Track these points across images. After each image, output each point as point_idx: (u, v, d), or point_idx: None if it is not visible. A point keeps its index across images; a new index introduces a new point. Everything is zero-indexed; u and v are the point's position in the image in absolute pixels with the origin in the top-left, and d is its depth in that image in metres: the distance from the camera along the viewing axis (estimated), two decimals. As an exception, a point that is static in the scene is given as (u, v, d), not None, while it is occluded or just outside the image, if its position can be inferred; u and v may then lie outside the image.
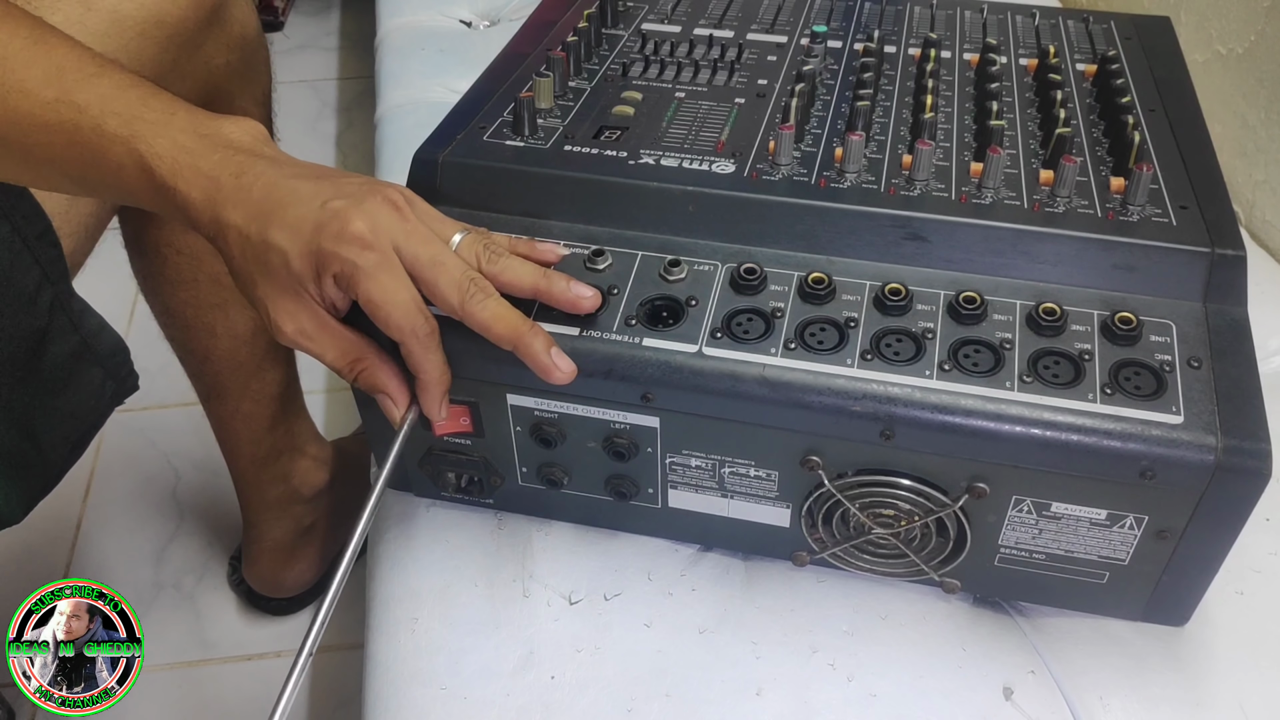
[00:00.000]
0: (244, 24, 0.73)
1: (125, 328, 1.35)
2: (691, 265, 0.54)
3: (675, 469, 0.55)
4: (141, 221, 0.79)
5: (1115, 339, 0.50)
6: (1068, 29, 0.75)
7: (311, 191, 0.46)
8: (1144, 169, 0.54)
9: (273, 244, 0.45)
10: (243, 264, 0.47)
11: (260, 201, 0.46)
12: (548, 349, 0.48)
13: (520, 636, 0.56)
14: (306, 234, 0.45)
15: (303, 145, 0.91)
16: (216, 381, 0.88)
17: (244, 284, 0.48)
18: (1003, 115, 0.62)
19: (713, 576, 0.58)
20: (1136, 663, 0.54)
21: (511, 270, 0.50)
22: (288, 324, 0.47)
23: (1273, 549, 0.59)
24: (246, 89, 0.76)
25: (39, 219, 0.58)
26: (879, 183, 0.56)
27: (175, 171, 0.46)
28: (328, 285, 0.46)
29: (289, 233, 0.45)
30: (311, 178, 0.47)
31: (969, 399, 0.48)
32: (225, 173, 0.46)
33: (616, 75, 0.68)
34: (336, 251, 0.45)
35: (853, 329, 0.51)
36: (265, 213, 0.46)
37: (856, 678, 0.53)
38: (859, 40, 0.73)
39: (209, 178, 0.46)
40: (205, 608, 1.07)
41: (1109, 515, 0.49)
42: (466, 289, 0.47)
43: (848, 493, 0.52)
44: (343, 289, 0.46)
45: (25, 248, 0.57)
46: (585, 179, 0.57)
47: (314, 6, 2.10)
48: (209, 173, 0.46)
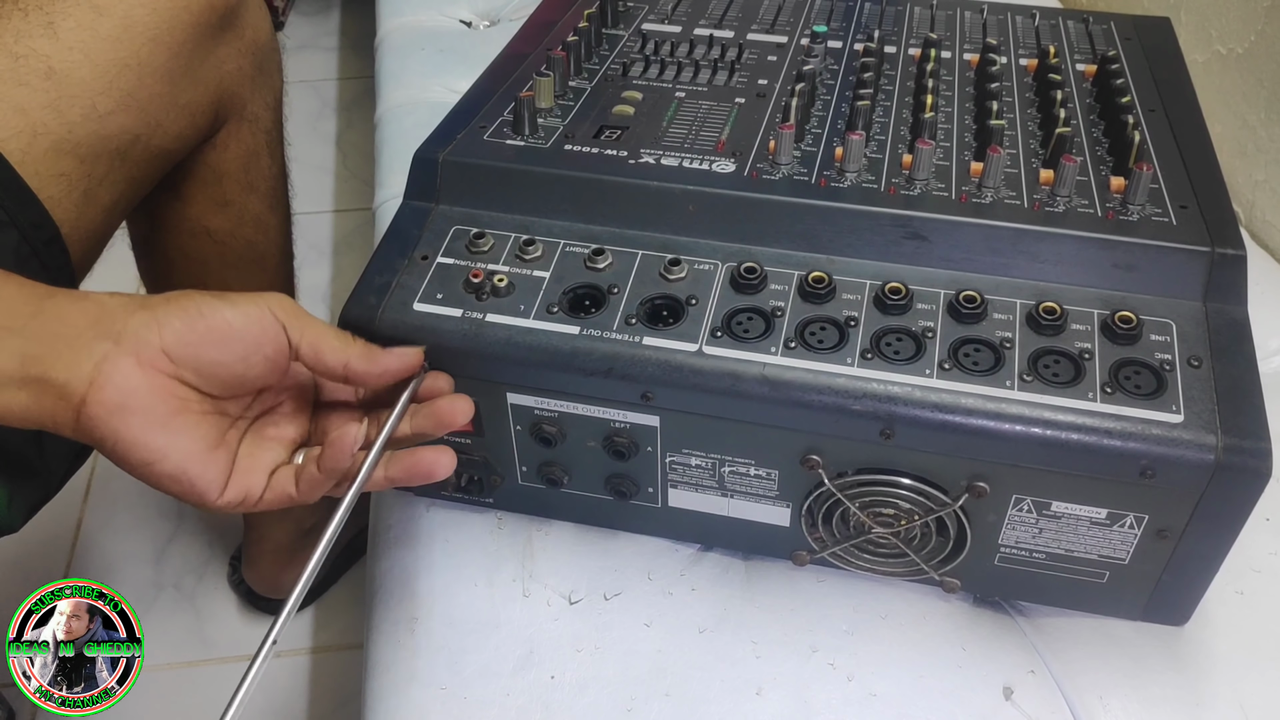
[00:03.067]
0: (257, 29, 0.73)
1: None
2: (692, 264, 0.54)
3: (675, 468, 0.55)
4: (150, 226, 0.79)
5: (1115, 338, 0.50)
6: (1068, 29, 0.75)
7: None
8: (1144, 169, 0.54)
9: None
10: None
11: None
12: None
13: (520, 636, 0.56)
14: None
15: (303, 145, 0.91)
16: None
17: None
18: (1003, 115, 0.62)
19: (713, 576, 0.58)
20: (1136, 663, 0.54)
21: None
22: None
23: (1273, 549, 0.59)
24: (258, 93, 0.76)
25: (47, 226, 0.58)
26: (879, 182, 0.56)
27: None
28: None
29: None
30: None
31: (969, 398, 0.48)
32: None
33: (617, 75, 0.68)
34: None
35: (853, 328, 0.51)
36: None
37: (856, 677, 0.53)
38: (859, 40, 0.73)
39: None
40: (205, 608, 1.07)
41: (1109, 515, 0.49)
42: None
43: (848, 492, 0.52)
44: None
45: (33, 254, 0.57)
46: (585, 178, 0.57)
47: (314, 6, 2.10)
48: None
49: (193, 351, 0.42)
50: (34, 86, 0.58)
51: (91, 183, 0.61)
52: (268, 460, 0.47)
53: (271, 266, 0.86)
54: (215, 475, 0.45)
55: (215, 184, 0.77)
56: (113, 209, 0.64)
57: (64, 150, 0.59)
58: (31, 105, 0.57)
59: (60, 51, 0.59)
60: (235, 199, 0.78)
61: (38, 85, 0.58)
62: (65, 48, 0.59)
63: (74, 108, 0.59)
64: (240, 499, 0.46)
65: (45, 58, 0.58)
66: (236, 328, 0.43)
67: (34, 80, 0.58)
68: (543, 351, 0.51)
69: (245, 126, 0.76)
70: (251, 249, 0.83)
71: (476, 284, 0.53)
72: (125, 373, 0.41)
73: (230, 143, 0.75)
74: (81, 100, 0.59)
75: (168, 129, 0.66)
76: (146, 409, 0.42)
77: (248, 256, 0.83)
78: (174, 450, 0.43)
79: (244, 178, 0.78)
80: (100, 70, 0.60)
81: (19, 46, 0.58)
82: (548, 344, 0.51)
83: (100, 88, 0.60)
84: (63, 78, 0.59)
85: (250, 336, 0.43)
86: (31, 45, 0.58)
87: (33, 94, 0.58)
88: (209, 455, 0.44)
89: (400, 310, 0.53)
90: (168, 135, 0.66)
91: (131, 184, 0.65)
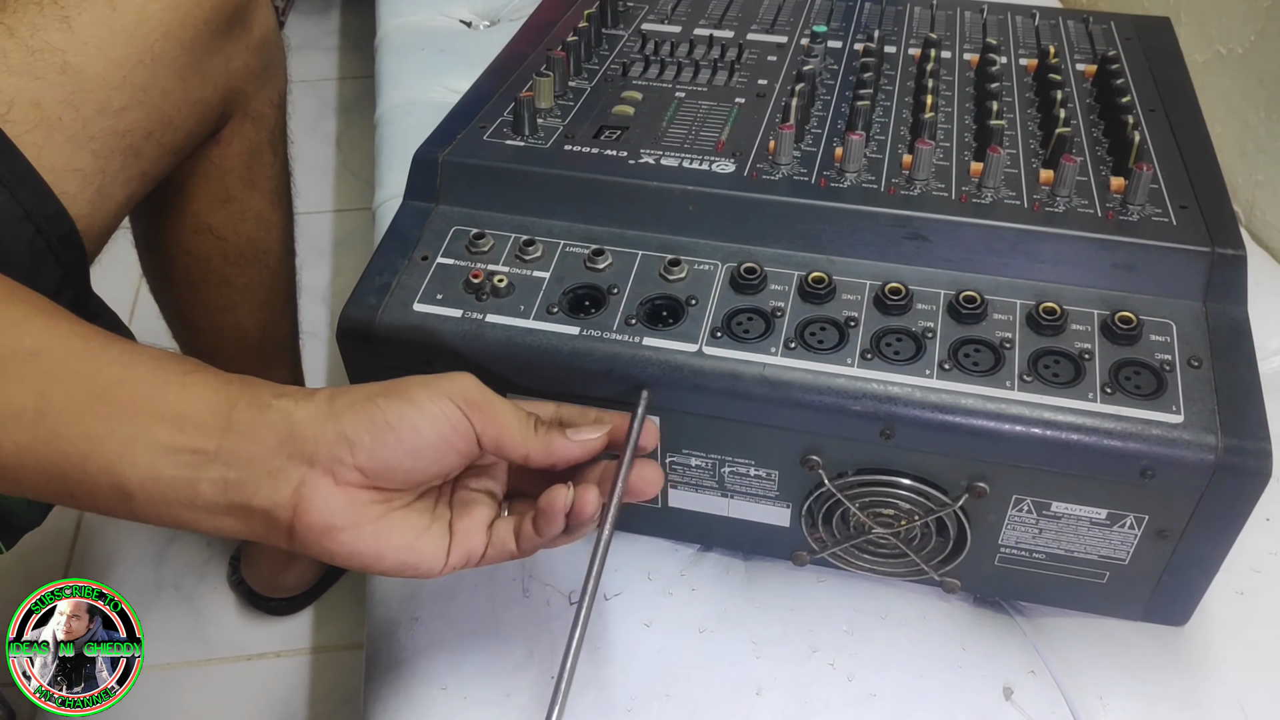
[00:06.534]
0: (264, 25, 0.73)
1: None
2: (691, 265, 0.54)
3: (675, 468, 0.55)
4: (153, 222, 0.80)
5: (1115, 338, 0.50)
6: (1068, 29, 0.75)
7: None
8: (1144, 169, 0.54)
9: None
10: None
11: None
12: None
13: (520, 636, 0.56)
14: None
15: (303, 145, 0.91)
16: None
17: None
18: (1003, 115, 0.62)
19: (713, 576, 0.58)
20: (1136, 663, 0.54)
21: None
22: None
23: (1273, 549, 0.59)
24: (263, 91, 0.76)
25: (63, 220, 0.58)
26: (879, 182, 0.56)
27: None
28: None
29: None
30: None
31: (969, 398, 0.48)
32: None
33: (616, 75, 0.68)
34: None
35: (853, 328, 0.51)
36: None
37: (856, 677, 0.53)
38: (859, 40, 0.73)
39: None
40: (205, 608, 1.07)
41: (1109, 515, 0.49)
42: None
43: (848, 492, 0.52)
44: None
45: (48, 249, 0.57)
46: (585, 179, 0.57)
47: (314, 6, 2.10)
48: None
49: (386, 466, 0.42)
50: (49, 81, 0.57)
51: (105, 179, 0.60)
52: (482, 518, 0.47)
53: (273, 263, 0.86)
54: (436, 552, 0.45)
55: (218, 180, 0.77)
56: (124, 205, 0.64)
57: (79, 145, 0.59)
58: (47, 99, 0.57)
59: (75, 46, 0.59)
60: (237, 195, 0.79)
61: (53, 79, 0.58)
62: (80, 42, 0.59)
63: (89, 102, 0.59)
64: (464, 561, 0.46)
65: (61, 52, 0.58)
66: (425, 435, 0.42)
67: (50, 74, 0.57)
68: (543, 352, 0.51)
69: (249, 123, 0.76)
70: (253, 246, 0.83)
71: (476, 284, 0.53)
72: (325, 495, 0.41)
73: (234, 139, 0.75)
74: (96, 95, 0.59)
75: (179, 125, 0.66)
76: (354, 524, 0.42)
77: (249, 253, 0.83)
78: (389, 549, 0.43)
79: (246, 174, 0.78)
80: (114, 65, 0.60)
81: (34, 40, 0.57)
82: (548, 344, 0.51)
83: (114, 82, 0.60)
84: (78, 72, 0.58)
85: (440, 438, 0.43)
86: (47, 39, 0.58)
87: (48, 88, 0.57)
88: (424, 539, 0.45)
89: (400, 310, 0.53)
90: (179, 132, 0.66)
91: (143, 180, 0.65)
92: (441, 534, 0.45)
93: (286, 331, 0.94)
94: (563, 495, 0.45)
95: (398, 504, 0.44)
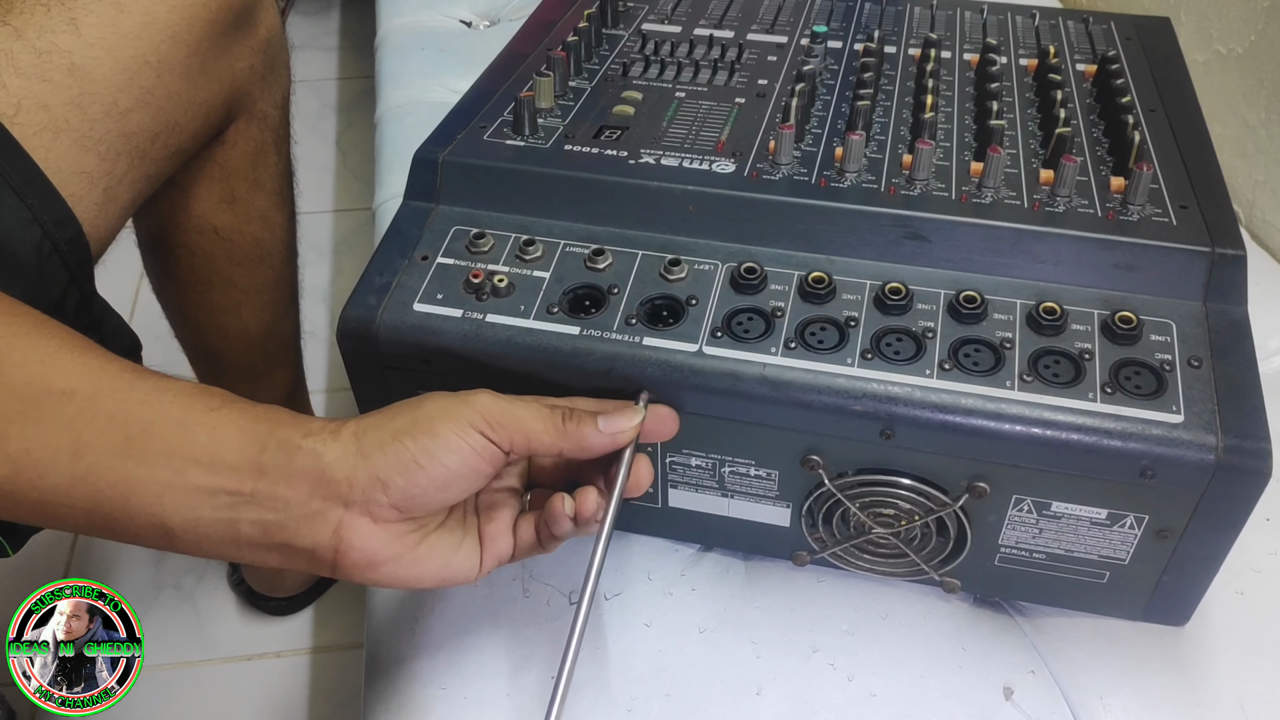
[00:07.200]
0: (269, 27, 0.73)
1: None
2: (692, 264, 0.54)
3: (675, 468, 0.55)
4: (157, 223, 0.79)
5: (1115, 338, 0.50)
6: (1068, 29, 0.75)
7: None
8: (1144, 169, 0.54)
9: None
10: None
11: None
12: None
13: (520, 636, 0.56)
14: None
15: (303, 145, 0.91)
16: (225, 383, 0.88)
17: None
18: (1003, 115, 0.62)
19: (713, 576, 0.58)
20: (1136, 663, 0.54)
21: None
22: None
23: (1273, 549, 0.59)
24: (268, 92, 0.76)
25: (70, 223, 0.58)
26: (879, 182, 0.56)
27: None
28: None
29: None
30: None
31: (969, 398, 0.48)
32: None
33: (617, 75, 0.68)
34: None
35: (853, 328, 0.51)
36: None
37: (856, 677, 0.53)
38: (859, 40, 0.73)
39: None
40: (205, 608, 1.07)
41: (1109, 515, 0.49)
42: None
43: (848, 492, 0.52)
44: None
45: (55, 252, 0.57)
46: (585, 178, 0.57)
47: (314, 6, 2.10)
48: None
49: (418, 501, 0.43)
50: (57, 83, 0.57)
51: (112, 181, 0.60)
52: (506, 520, 0.48)
53: (277, 264, 0.86)
54: (470, 563, 0.47)
55: (223, 181, 0.77)
56: (130, 207, 0.64)
57: (86, 147, 0.59)
58: (54, 101, 0.57)
59: (82, 47, 0.59)
60: (242, 196, 0.79)
61: (60, 81, 0.58)
62: (87, 44, 0.59)
63: (95, 104, 0.59)
64: (496, 564, 0.48)
65: (68, 53, 0.58)
66: (453, 468, 0.43)
67: (57, 76, 0.57)
68: (543, 352, 0.51)
69: (254, 124, 0.76)
70: (258, 246, 0.83)
71: (477, 284, 0.53)
72: (365, 534, 0.43)
73: (239, 140, 0.75)
74: (103, 97, 0.59)
75: (185, 127, 0.66)
76: (394, 556, 0.44)
77: (254, 254, 0.83)
78: (429, 571, 0.45)
79: (251, 175, 0.78)
80: (121, 66, 0.60)
81: (41, 42, 0.57)
82: (548, 344, 0.51)
83: (121, 84, 0.60)
84: (85, 74, 0.58)
85: (467, 468, 0.44)
86: (54, 40, 0.58)
87: (55, 90, 0.57)
88: (459, 555, 0.46)
89: (400, 310, 0.53)
90: (185, 133, 0.66)
91: (148, 182, 0.65)
92: (473, 546, 0.47)
93: (289, 331, 0.94)
94: (562, 504, 0.46)
95: (431, 526, 0.45)
